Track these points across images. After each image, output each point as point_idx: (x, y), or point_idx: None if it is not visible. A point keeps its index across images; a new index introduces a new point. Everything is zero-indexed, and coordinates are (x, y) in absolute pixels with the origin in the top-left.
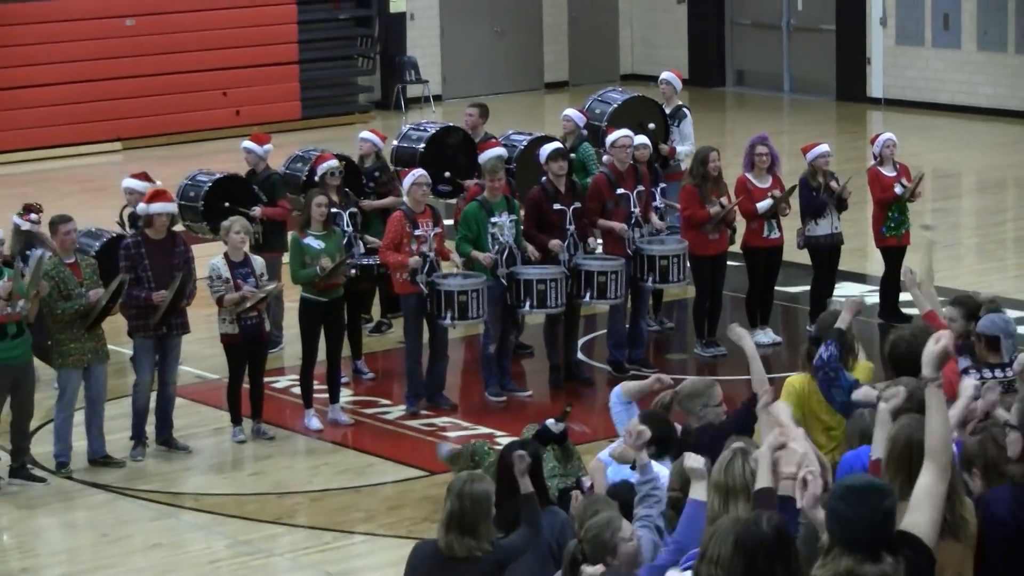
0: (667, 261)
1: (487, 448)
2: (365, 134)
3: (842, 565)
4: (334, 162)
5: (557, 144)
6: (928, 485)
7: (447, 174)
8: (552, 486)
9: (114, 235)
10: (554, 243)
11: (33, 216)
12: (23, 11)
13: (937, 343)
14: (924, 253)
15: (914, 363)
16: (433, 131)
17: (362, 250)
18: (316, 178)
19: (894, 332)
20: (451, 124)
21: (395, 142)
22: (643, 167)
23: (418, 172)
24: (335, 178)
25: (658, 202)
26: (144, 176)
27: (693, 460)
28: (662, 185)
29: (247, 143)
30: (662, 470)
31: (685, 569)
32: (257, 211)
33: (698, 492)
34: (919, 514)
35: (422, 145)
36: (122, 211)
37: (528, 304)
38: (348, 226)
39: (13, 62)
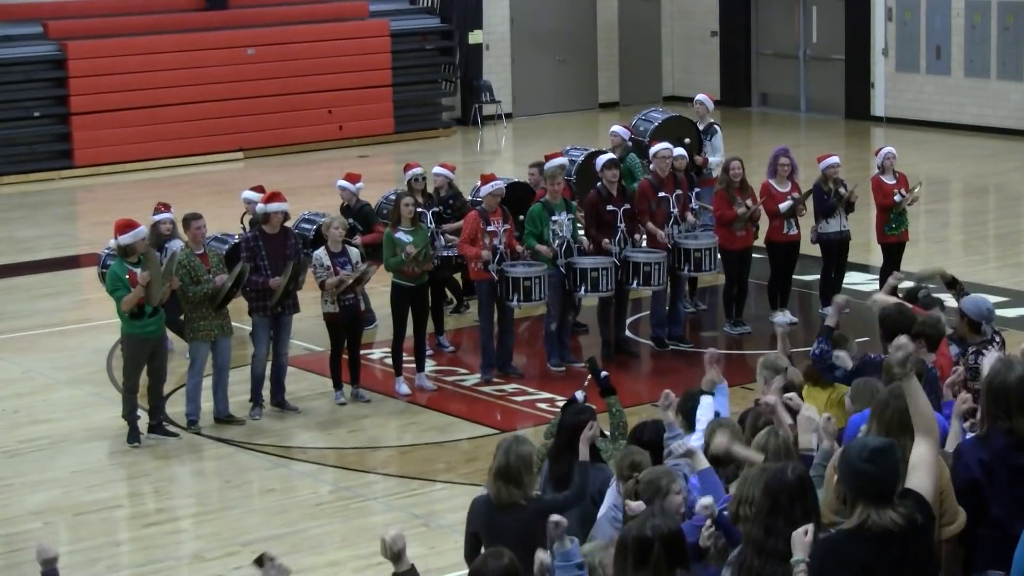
0: (700, 253)
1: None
2: (437, 170)
3: (860, 515)
4: (419, 169)
5: (611, 155)
6: (925, 453)
7: (521, 217)
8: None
9: (239, 241)
10: (605, 243)
11: (168, 214)
12: (165, 42)
13: (898, 351)
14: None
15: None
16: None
17: (443, 243)
18: (405, 183)
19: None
20: (516, 180)
21: (469, 196)
22: (681, 174)
23: (499, 184)
24: (419, 183)
25: (693, 204)
26: (259, 188)
27: (685, 445)
28: (697, 190)
29: (342, 182)
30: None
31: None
32: (357, 240)
33: (701, 463)
34: (920, 475)
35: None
36: (243, 217)
37: (583, 288)
38: (431, 223)
39: (155, 85)
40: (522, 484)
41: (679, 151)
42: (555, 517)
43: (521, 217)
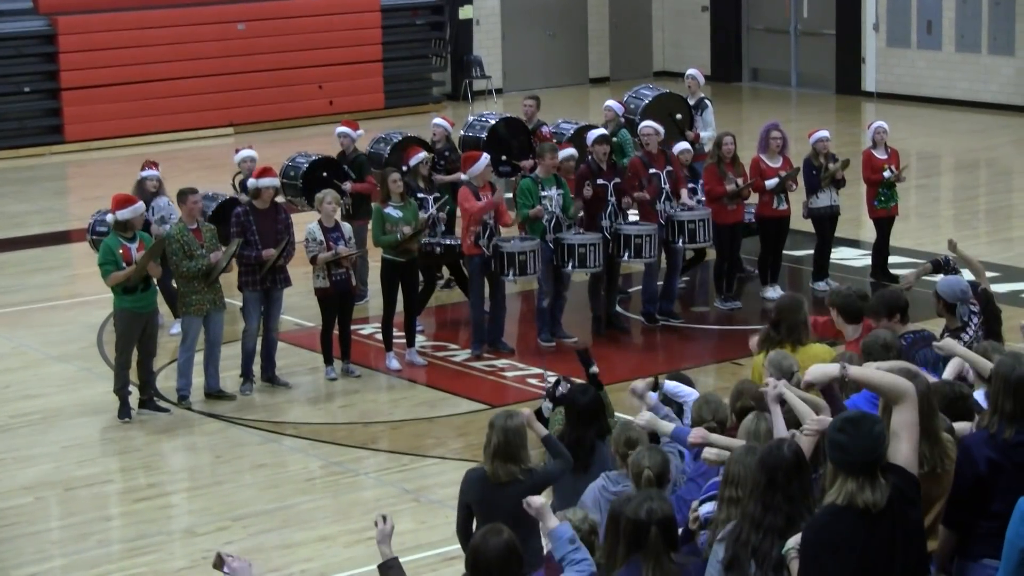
0: (694, 224)
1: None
2: (437, 120)
3: (844, 491)
4: (424, 154)
5: (602, 131)
6: (905, 418)
7: (503, 158)
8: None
9: (228, 197)
10: (589, 190)
11: (155, 171)
12: (155, 17)
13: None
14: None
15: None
16: (494, 121)
17: (443, 229)
18: (408, 167)
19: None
20: (509, 115)
21: (462, 131)
22: (671, 152)
23: (486, 158)
24: (425, 166)
25: (695, 197)
26: (250, 147)
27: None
28: (700, 182)
29: (342, 128)
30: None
31: (704, 500)
32: (348, 186)
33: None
34: (901, 443)
35: (485, 133)
36: (234, 178)
37: (571, 264)
38: (432, 208)
39: (146, 60)
40: (519, 458)
41: (682, 146)
42: (528, 499)
43: (505, 157)
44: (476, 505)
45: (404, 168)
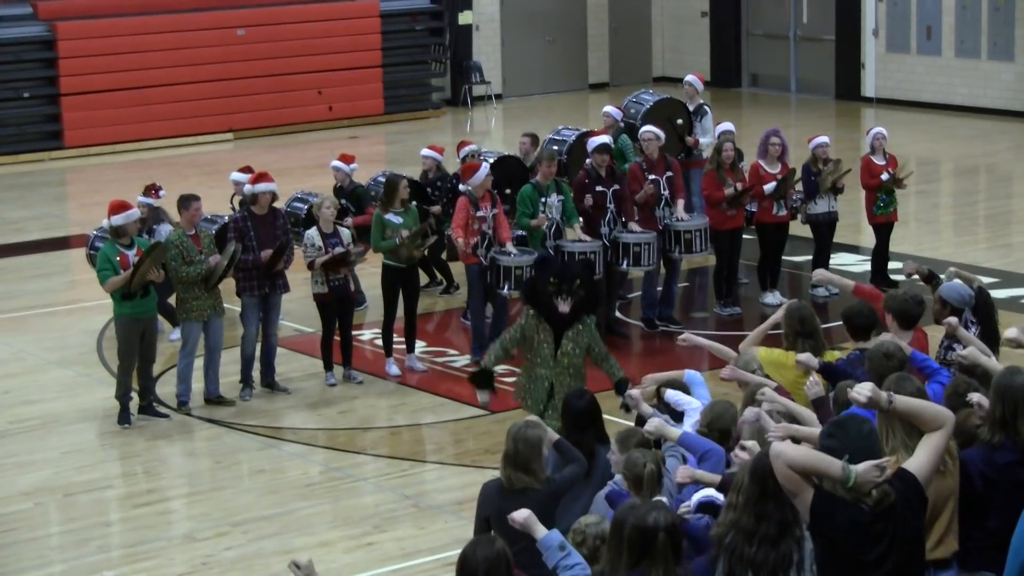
0: (691, 235)
1: None
2: (425, 151)
3: (848, 495)
4: (487, 169)
5: (604, 140)
6: (935, 439)
7: (508, 191)
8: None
9: (227, 221)
10: (588, 199)
11: (162, 193)
12: (154, 23)
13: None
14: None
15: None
16: (492, 159)
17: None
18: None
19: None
20: (507, 153)
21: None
22: (672, 158)
23: (485, 169)
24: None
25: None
26: (247, 169)
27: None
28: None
29: (336, 162)
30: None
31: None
32: (349, 221)
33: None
34: (920, 456)
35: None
36: (232, 198)
37: None
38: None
39: (145, 65)
40: (531, 470)
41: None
42: (511, 515)
43: (508, 191)
44: (494, 517)
45: (460, 182)
